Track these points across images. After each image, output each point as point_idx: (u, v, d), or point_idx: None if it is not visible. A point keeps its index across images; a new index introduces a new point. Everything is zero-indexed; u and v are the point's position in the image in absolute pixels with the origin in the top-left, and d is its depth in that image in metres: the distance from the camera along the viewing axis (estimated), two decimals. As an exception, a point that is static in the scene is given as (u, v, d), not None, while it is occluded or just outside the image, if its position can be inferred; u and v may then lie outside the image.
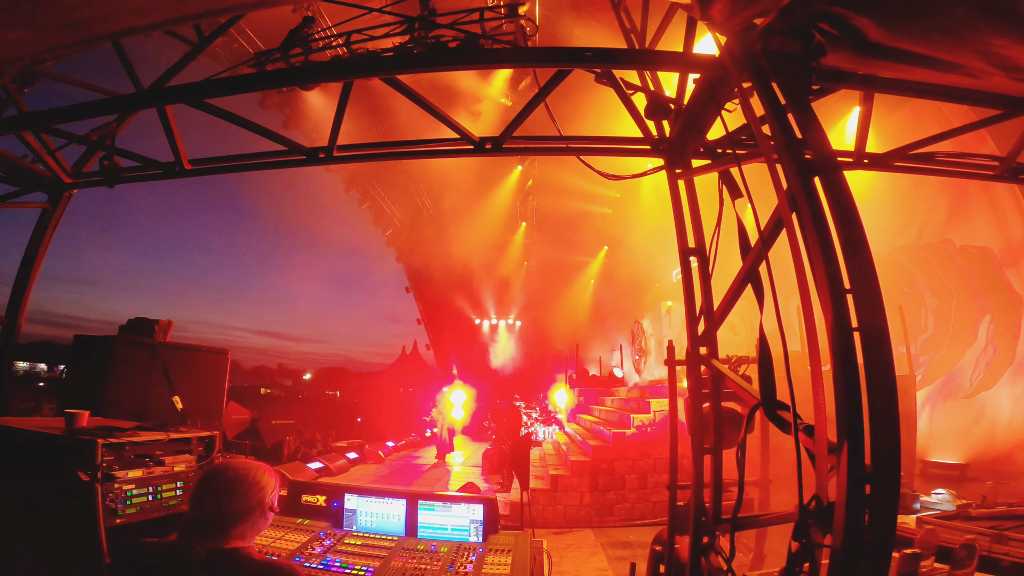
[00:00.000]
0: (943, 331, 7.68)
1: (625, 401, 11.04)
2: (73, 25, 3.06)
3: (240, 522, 1.74)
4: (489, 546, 2.80)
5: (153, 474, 2.73)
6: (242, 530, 1.74)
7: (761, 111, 2.20)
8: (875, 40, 2.03)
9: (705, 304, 3.22)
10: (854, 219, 1.75)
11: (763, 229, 2.20)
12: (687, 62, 2.88)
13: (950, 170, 3.80)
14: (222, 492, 1.75)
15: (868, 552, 1.72)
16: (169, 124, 3.87)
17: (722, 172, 2.94)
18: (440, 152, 3.76)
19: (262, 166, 4.23)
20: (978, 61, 2.14)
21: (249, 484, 1.78)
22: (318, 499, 3.13)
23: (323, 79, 3.38)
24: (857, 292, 1.73)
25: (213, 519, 1.72)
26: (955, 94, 2.67)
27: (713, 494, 3.08)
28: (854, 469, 1.72)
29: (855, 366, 1.74)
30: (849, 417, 1.73)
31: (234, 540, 1.72)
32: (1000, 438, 6.58)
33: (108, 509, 2.45)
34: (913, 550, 2.65)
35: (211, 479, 1.80)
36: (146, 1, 2.82)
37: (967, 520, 3.20)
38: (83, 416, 2.81)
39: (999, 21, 1.90)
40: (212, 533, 1.70)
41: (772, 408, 2.32)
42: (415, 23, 4.01)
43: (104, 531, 2.39)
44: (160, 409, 3.99)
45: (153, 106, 3.62)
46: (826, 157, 1.91)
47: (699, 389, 3.19)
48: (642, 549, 5.50)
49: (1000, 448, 6.48)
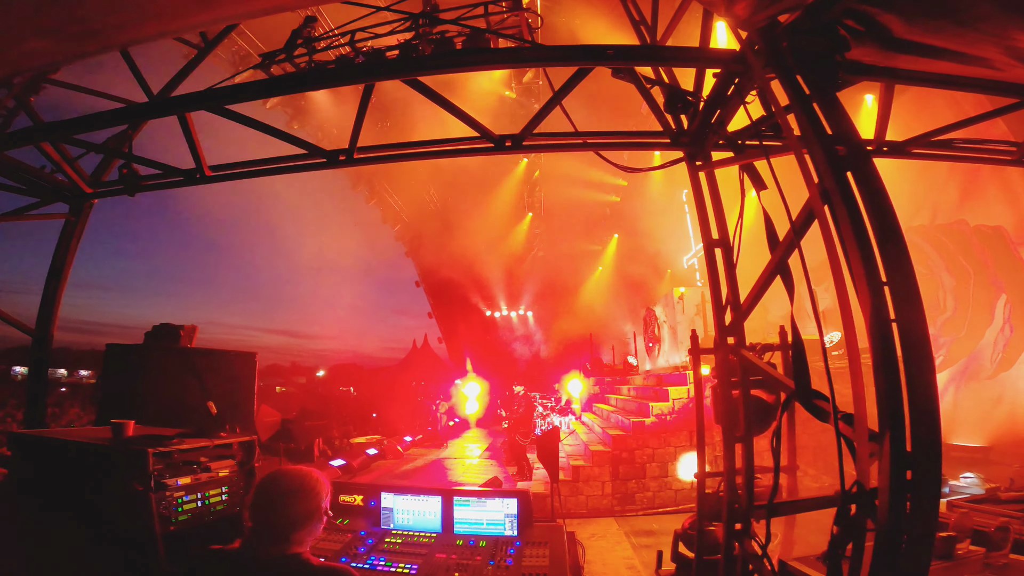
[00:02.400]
0: (962, 311, 7.64)
1: (642, 389, 11.08)
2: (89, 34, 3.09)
3: (299, 529, 1.80)
4: (526, 539, 2.86)
5: (200, 480, 2.79)
6: (301, 536, 1.81)
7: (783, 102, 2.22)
8: (900, 36, 2.04)
9: (731, 294, 3.25)
10: (889, 212, 1.78)
11: (795, 221, 2.22)
12: (708, 57, 2.89)
13: (968, 156, 3.80)
14: (282, 501, 1.81)
15: (912, 534, 1.76)
16: (190, 131, 3.92)
17: (744, 164, 2.95)
18: (460, 151, 3.78)
19: (283, 170, 4.27)
20: (1001, 55, 2.14)
21: (307, 492, 1.85)
22: (355, 499, 3.20)
23: (340, 83, 3.40)
24: (894, 284, 1.75)
25: (275, 527, 1.78)
26: (975, 85, 2.67)
27: (746, 482, 3.13)
28: (896, 455, 1.76)
29: (895, 357, 1.78)
30: (890, 405, 1.77)
31: (294, 546, 1.78)
32: (1021, 420, 6.56)
33: (162, 516, 2.52)
34: (948, 533, 2.70)
35: (270, 488, 1.85)
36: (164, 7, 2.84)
37: (997, 503, 3.24)
38: (129, 426, 2.88)
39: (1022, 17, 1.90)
40: (274, 540, 1.76)
41: (808, 397, 2.36)
42: (419, 19, 4.02)
43: (160, 538, 2.45)
44: (194, 415, 4.06)
45: (173, 114, 3.66)
46: (858, 149, 1.93)
47: (728, 378, 3.23)
48: (666, 537, 5.57)
49: (1022, 431, 6.45)
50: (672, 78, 3.44)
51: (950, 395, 7.70)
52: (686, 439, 8.36)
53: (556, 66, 3.05)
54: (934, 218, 7.23)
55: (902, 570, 1.75)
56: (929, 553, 1.81)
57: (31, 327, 4.91)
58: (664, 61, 3.14)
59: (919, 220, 7.19)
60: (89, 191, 4.89)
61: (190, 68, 4.01)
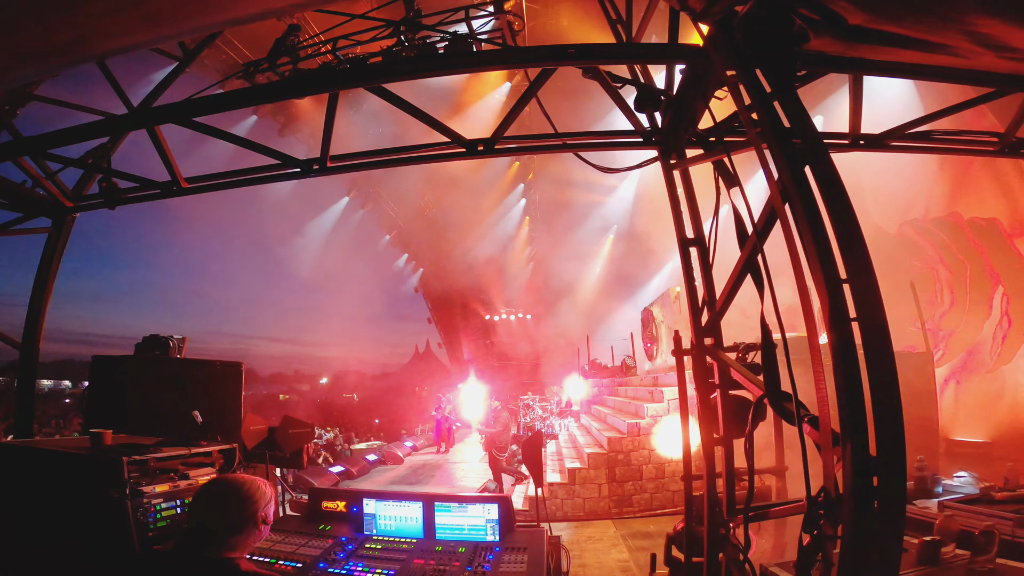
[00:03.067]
0: (960, 305, 7.54)
1: (638, 390, 11.02)
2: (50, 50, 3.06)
3: (233, 534, 1.79)
4: (506, 544, 2.83)
5: (179, 487, 2.82)
6: (235, 541, 1.80)
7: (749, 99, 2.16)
8: (856, 23, 1.98)
9: (707, 294, 3.19)
10: (845, 207, 1.72)
11: (757, 220, 2.16)
12: (672, 53, 2.85)
13: (949, 147, 3.72)
14: (215, 505, 1.82)
15: (878, 543, 1.70)
16: (161, 144, 3.90)
17: (716, 161, 2.90)
18: (433, 157, 3.74)
19: (258, 181, 4.24)
20: (964, 41, 2.08)
21: (242, 498, 1.83)
22: (338, 505, 3.20)
23: (311, 91, 3.38)
24: (854, 282, 1.69)
25: (206, 530, 1.79)
26: (945, 74, 2.60)
27: (726, 485, 3.06)
28: (859, 462, 1.70)
29: (855, 357, 1.71)
30: (850, 410, 1.71)
31: (227, 551, 1.78)
32: (1023, 414, 6.44)
33: (140, 523, 2.55)
34: (932, 537, 2.63)
35: (206, 492, 1.88)
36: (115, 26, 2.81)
37: (990, 504, 3.14)
38: (107, 435, 2.92)
39: (980, 1, 1.85)
40: (205, 543, 1.76)
41: (778, 399, 2.30)
42: (401, 26, 3.99)
43: (139, 544, 2.50)
44: (181, 424, 4.08)
45: (143, 127, 3.64)
46: (815, 144, 1.88)
47: (706, 380, 3.18)
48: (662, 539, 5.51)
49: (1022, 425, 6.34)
50: (647, 77, 3.40)
51: (951, 390, 7.59)
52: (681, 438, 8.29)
53: (520, 67, 3.01)
54: (927, 212, 7.14)
55: None
56: (897, 562, 1.74)
57: (18, 340, 4.95)
58: (627, 58, 3.09)
59: (913, 214, 7.10)
60: (70, 205, 4.88)
61: (170, 80, 3.99)
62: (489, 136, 3.51)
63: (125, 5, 2.34)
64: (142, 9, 2.58)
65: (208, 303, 22.65)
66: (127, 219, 16.49)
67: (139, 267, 22.30)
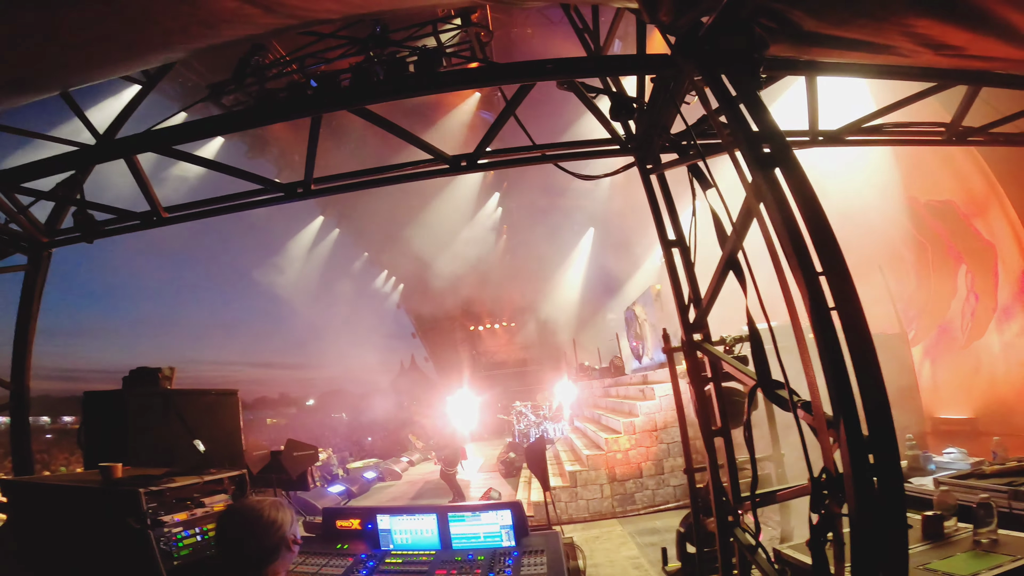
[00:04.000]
0: (925, 284, 7.82)
1: (629, 390, 11.15)
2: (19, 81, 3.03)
3: (268, 561, 1.81)
4: (523, 548, 2.89)
5: (196, 516, 2.83)
6: (275, 568, 1.83)
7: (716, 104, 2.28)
8: (810, 29, 2.12)
9: (692, 292, 3.30)
10: (815, 205, 1.84)
11: (736, 220, 2.28)
12: (642, 65, 2.97)
13: (901, 139, 3.94)
14: (245, 533, 1.83)
15: (883, 516, 1.79)
16: (139, 174, 3.87)
17: (691, 166, 3.02)
18: (416, 175, 3.80)
19: (240, 208, 4.24)
20: (905, 41, 2.24)
21: (266, 524, 1.85)
22: (352, 523, 3.23)
23: (291, 116, 3.39)
24: (829, 272, 1.81)
25: (244, 561, 1.80)
26: (891, 72, 2.78)
27: (729, 474, 3.16)
28: (853, 441, 1.79)
29: (837, 342, 1.82)
30: (839, 392, 1.81)
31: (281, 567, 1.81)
32: (1001, 388, 6.64)
33: (164, 552, 2.56)
34: (935, 511, 2.72)
35: (229, 524, 1.88)
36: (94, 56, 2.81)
37: (983, 478, 3.22)
38: (117, 468, 2.91)
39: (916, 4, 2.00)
40: (245, 572, 1.79)
41: (770, 388, 2.40)
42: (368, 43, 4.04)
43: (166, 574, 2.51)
44: (183, 454, 4.06)
45: (121, 156, 3.62)
46: (781, 144, 2.00)
47: (699, 374, 3.27)
48: (670, 534, 5.59)
49: (1004, 399, 6.52)
50: (618, 86, 3.52)
51: (927, 369, 7.82)
52: (678, 435, 8.42)
53: (498, 84, 3.10)
54: (885, 198, 7.41)
55: (882, 551, 1.78)
56: (904, 534, 1.83)
57: (7, 380, 4.87)
58: (601, 71, 3.21)
59: (873, 201, 7.36)
60: (45, 240, 4.78)
61: (133, 106, 3.95)
62: (471, 152, 3.59)
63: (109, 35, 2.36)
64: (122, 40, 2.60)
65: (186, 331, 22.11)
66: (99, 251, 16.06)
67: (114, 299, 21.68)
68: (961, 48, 2.28)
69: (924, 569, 2.29)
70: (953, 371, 7.49)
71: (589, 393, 14.82)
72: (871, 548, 1.80)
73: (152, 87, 4.08)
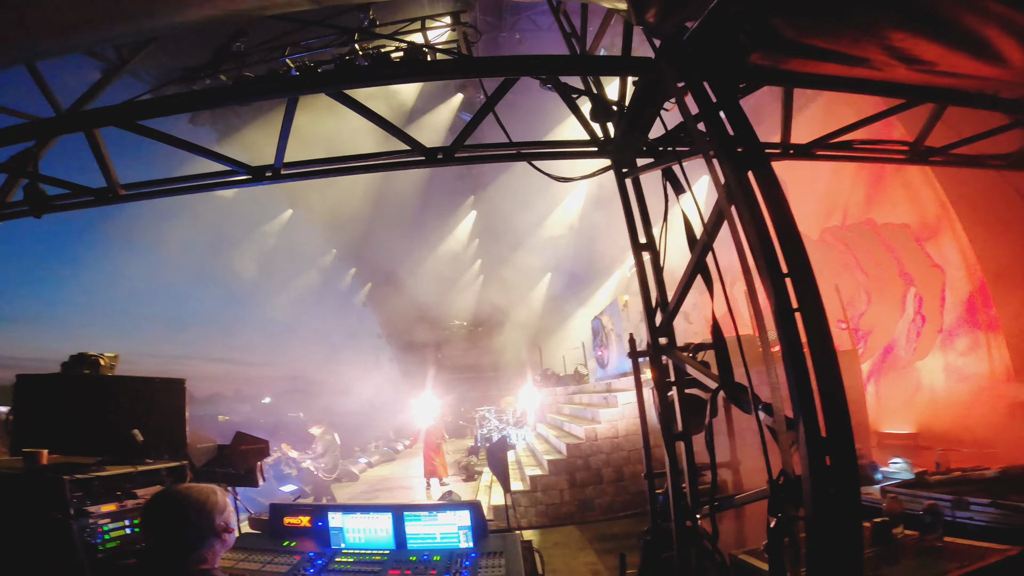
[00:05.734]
0: (877, 305, 8.20)
1: (593, 397, 11.24)
2: None
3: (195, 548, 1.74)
4: (481, 550, 2.82)
5: (126, 507, 2.72)
6: (200, 555, 1.75)
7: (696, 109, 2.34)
8: (790, 38, 2.20)
9: (660, 296, 3.36)
10: (784, 208, 1.90)
11: (707, 223, 2.33)
12: (626, 66, 3.02)
13: (866, 156, 4.13)
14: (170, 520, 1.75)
15: (838, 518, 1.82)
16: (99, 148, 3.68)
17: (665, 169, 3.08)
18: (392, 165, 3.74)
19: (205, 188, 4.07)
20: (880, 54, 2.36)
21: (196, 507, 1.78)
22: (301, 520, 3.11)
23: (267, 96, 3.31)
24: (794, 275, 1.86)
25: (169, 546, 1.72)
26: (864, 86, 2.92)
27: (689, 478, 3.19)
28: (812, 442, 1.82)
29: (800, 344, 1.87)
30: (800, 393, 1.86)
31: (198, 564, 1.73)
32: (941, 406, 7.01)
33: (86, 545, 2.44)
34: (883, 518, 2.81)
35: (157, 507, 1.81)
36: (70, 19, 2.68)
37: (927, 487, 3.35)
38: (43, 454, 2.78)
39: (895, 16, 2.11)
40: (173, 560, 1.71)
41: (732, 390, 2.45)
42: (355, 34, 3.99)
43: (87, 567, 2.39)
44: (119, 444, 3.84)
45: (82, 129, 3.45)
46: (757, 151, 2.06)
47: (663, 379, 3.31)
48: (628, 540, 5.65)
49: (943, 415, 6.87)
50: (600, 89, 3.56)
51: (872, 386, 8.19)
52: (638, 442, 8.51)
53: (483, 77, 3.10)
54: (845, 219, 7.76)
55: (836, 553, 1.80)
56: (860, 534, 1.86)
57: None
58: (585, 70, 3.25)
59: (832, 221, 7.70)
60: (-11, 212, 4.49)
61: (103, 84, 3.79)
62: (448, 145, 3.56)
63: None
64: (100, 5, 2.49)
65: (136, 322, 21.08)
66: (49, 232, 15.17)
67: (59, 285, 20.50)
68: (932, 63, 2.40)
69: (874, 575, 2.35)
70: (897, 389, 7.87)
71: (553, 400, 14.88)
72: (826, 548, 1.82)
73: (124, 66, 3.91)
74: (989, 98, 3.57)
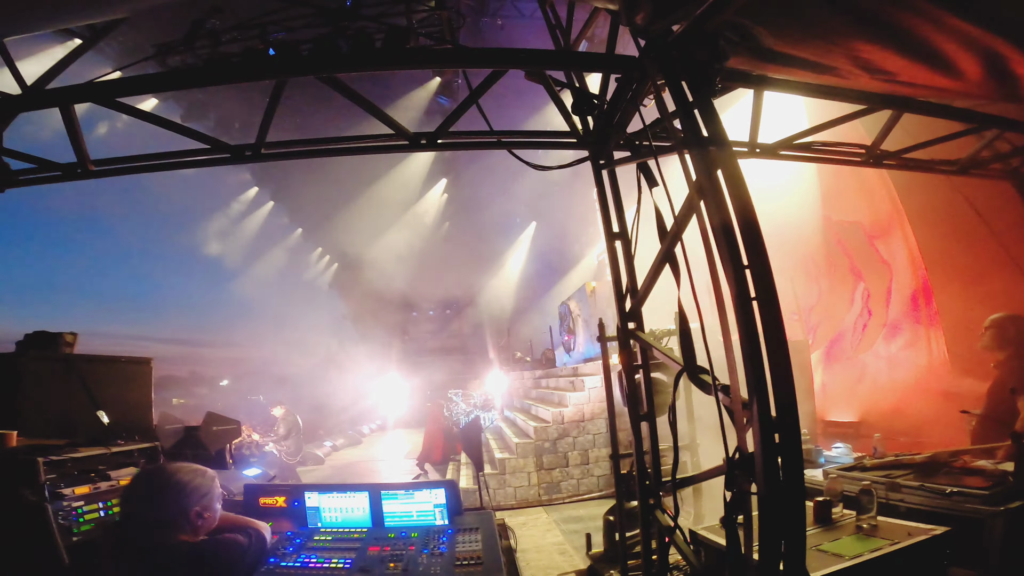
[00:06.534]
0: (826, 298, 8.67)
1: (560, 381, 11.50)
2: None
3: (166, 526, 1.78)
4: (457, 526, 2.95)
5: (100, 489, 2.71)
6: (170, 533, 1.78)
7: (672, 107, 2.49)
8: (768, 46, 2.37)
9: (630, 283, 3.54)
10: (748, 205, 2.07)
11: (677, 215, 2.50)
12: (611, 63, 3.14)
13: (826, 157, 4.41)
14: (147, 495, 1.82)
15: (785, 492, 1.98)
16: (73, 123, 3.59)
17: (640, 163, 3.24)
18: (375, 148, 3.77)
19: (180, 165, 3.99)
20: (847, 64, 2.56)
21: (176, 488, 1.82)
22: (277, 500, 3.14)
23: (252, 78, 3.27)
24: (753, 266, 2.04)
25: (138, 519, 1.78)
26: (829, 92, 3.14)
27: (653, 458, 3.39)
28: (763, 419, 1.99)
29: (756, 331, 2.05)
30: (754, 374, 2.02)
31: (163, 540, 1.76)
32: (881, 396, 7.46)
33: (62, 527, 2.42)
34: (824, 498, 3.03)
35: (142, 480, 1.88)
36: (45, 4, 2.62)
37: (864, 471, 3.60)
38: (11, 436, 2.73)
39: (865, 29, 2.30)
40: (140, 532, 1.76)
41: (694, 373, 2.63)
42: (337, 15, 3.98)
43: (64, 550, 2.36)
44: (84, 425, 3.76)
45: (56, 105, 3.36)
46: (726, 150, 2.23)
47: (631, 362, 3.50)
48: (593, 522, 5.91)
49: (883, 405, 7.32)
50: (581, 82, 3.68)
51: (819, 375, 8.65)
52: (603, 426, 8.83)
53: (472, 68, 3.17)
54: (802, 215, 8.14)
55: (783, 524, 1.97)
56: (802, 507, 2.03)
57: None
58: (571, 65, 3.37)
59: (794, 217, 8.06)
60: (-53, 186, 4.28)
61: (71, 59, 3.67)
62: (432, 131, 3.63)
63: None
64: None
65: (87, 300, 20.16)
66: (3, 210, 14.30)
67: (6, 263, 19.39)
68: (894, 73, 2.61)
69: (816, 550, 2.53)
70: (841, 379, 8.32)
71: (520, 384, 15.13)
72: (775, 518, 1.99)
73: (96, 42, 3.79)
74: (943, 107, 3.87)
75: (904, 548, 2.50)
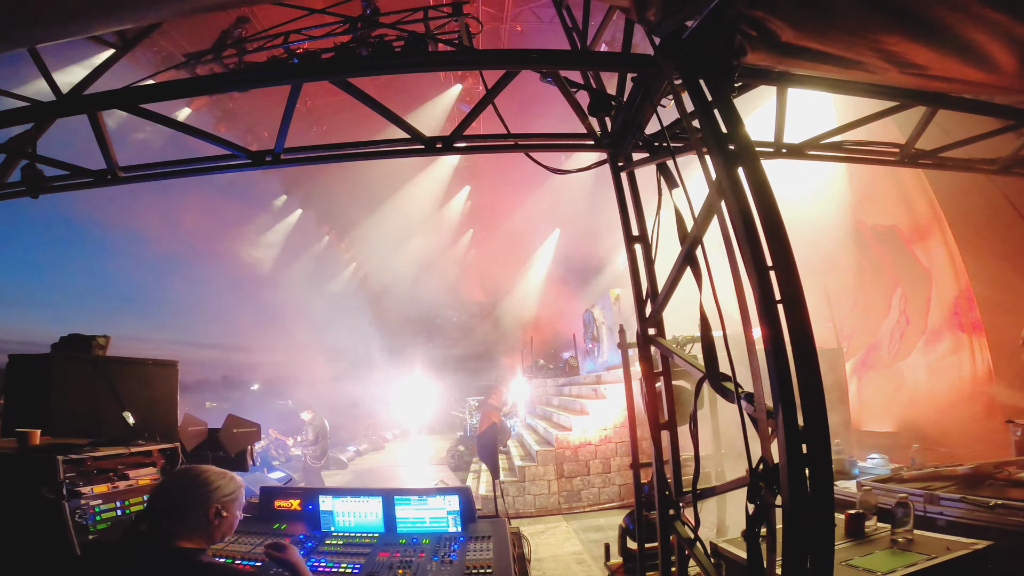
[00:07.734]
0: (861, 305, 8.34)
1: (582, 389, 11.35)
2: None
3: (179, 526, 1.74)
4: (469, 534, 2.90)
5: (118, 488, 2.74)
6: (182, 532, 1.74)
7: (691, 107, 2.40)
8: (786, 40, 2.26)
9: (650, 287, 3.44)
10: (771, 203, 1.97)
11: (697, 215, 2.40)
12: (625, 62, 3.07)
13: (857, 157, 4.20)
14: (168, 493, 1.80)
15: (813, 505, 1.87)
16: (101, 130, 3.71)
17: (659, 164, 3.15)
18: (391, 153, 3.78)
19: (204, 171, 4.09)
20: (874, 58, 2.42)
21: (197, 485, 1.80)
22: (292, 503, 3.16)
23: (269, 83, 3.32)
24: (778, 268, 1.94)
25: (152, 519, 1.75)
26: (857, 89, 2.99)
27: (673, 468, 3.28)
28: (790, 429, 1.88)
29: (781, 333, 1.94)
30: (780, 381, 1.92)
31: (174, 539, 1.73)
32: (920, 406, 7.14)
33: (78, 525, 2.44)
34: (857, 510, 2.90)
35: (168, 479, 1.89)
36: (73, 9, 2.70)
37: (901, 483, 3.44)
38: (34, 435, 2.79)
39: (889, 20, 2.17)
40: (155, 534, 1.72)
41: (716, 380, 2.52)
42: (357, 22, 4.01)
43: (79, 548, 2.38)
44: (111, 425, 3.85)
45: (84, 112, 3.47)
46: (748, 148, 2.13)
47: (651, 369, 3.39)
48: (613, 531, 5.77)
49: (922, 415, 7.01)
50: (599, 84, 3.62)
51: (855, 384, 8.33)
52: (625, 434, 8.65)
53: (486, 69, 3.14)
54: (836, 219, 7.87)
55: (809, 539, 1.86)
56: (831, 520, 1.91)
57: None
58: (585, 65, 3.31)
59: (825, 221, 7.80)
60: (-16, 191, 4.48)
61: (105, 67, 3.79)
62: (448, 135, 3.61)
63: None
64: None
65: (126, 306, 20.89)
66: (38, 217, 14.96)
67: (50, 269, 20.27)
68: (924, 67, 2.47)
69: (846, 565, 2.42)
70: (878, 388, 8.00)
71: (543, 391, 15.01)
72: (801, 532, 1.87)
73: (127, 51, 3.91)
74: (982, 103, 3.64)
75: (942, 563, 2.36)
